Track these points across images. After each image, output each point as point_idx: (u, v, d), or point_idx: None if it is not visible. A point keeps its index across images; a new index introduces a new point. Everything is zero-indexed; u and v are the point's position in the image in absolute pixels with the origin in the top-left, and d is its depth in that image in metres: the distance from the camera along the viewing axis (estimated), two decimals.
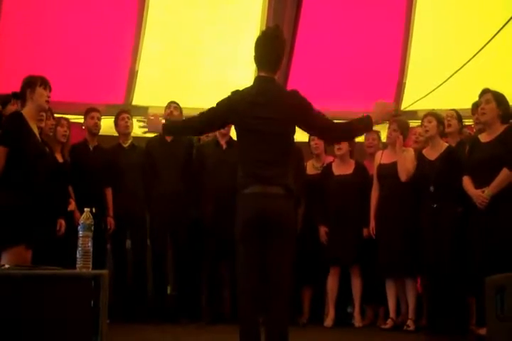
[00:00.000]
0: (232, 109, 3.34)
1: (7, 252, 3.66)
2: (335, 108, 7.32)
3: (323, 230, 5.59)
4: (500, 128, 4.51)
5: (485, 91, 4.58)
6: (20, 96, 3.98)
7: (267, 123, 3.25)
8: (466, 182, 4.59)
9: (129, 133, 5.92)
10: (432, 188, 4.93)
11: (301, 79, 7.10)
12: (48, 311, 2.80)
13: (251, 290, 3.26)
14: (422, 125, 5.16)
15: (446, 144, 5.07)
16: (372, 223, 5.36)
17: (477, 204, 4.44)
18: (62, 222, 4.36)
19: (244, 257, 3.29)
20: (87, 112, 5.68)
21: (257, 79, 3.39)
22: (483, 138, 4.60)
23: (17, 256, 3.64)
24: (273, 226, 3.22)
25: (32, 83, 3.94)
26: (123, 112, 5.94)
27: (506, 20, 6.65)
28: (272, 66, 3.33)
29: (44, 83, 3.97)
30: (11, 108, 4.34)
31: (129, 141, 5.90)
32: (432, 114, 5.14)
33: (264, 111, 3.26)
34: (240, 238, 3.30)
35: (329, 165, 5.73)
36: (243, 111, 3.30)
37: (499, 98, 4.52)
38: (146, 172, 5.77)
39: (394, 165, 5.30)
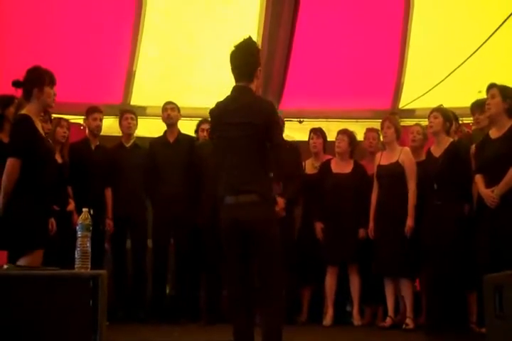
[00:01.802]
0: (212, 123, 3.60)
1: (27, 256, 3.66)
2: (333, 107, 7.33)
3: (318, 226, 5.59)
4: (507, 123, 4.39)
5: (490, 86, 4.48)
6: (24, 88, 3.87)
7: (236, 128, 3.38)
8: (478, 180, 4.50)
9: (132, 133, 5.91)
10: (435, 185, 4.90)
11: (300, 77, 7.10)
12: (47, 311, 2.80)
13: (236, 296, 3.37)
14: (428, 120, 5.09)
15: (451, 139, 5.00)
16: (371, 225, 5.35)
17: (487, 203, 4.36)
18: (53, 221, 4.37)
19: (228, 266, 3.42)
20: (90, 113, 5.65)
21: (233, 89, 3.55)
22: (493, 134, 4.48)
23: (36, 259, 3.65)
24: (250, 234, 3.32)
25: (40, 82, 3.83)
26: (127, 112, 5.94)
27: (504, 18, 6.64)
28: (245, 77, 3.51)
29: (52, 82, 3.88)
30: (12, 110, 4.30)
31: (132, 141, 5.89)
32: (439, 110, 5.06)
33: (234, 116, 3.41)
34: (224, 248, 3.43)
35: (328, 163, 5.73)
36: (217, 119, 3.51)
37: (505, 92, 4.41)
38: (148, 173, 5.76)
39: (392, 165, 5.29)
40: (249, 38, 3.59)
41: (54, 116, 5.25)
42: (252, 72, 3.51)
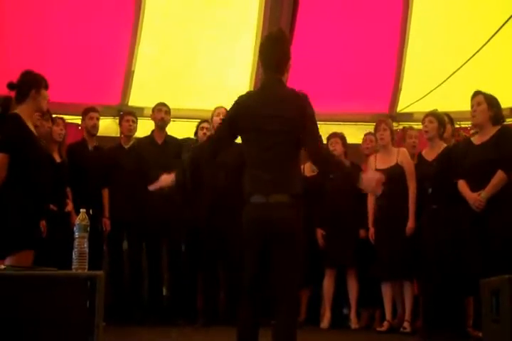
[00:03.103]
0: (240, 110, 3.27)
1: (13, 256, 3.65)
2: (331, 110, 7.33)
3: (320, 233, 5.59)
4: (492, 130, 4.47)
5: (476, 94, 4.54)
6: (18, 90, 3.89)
7: (272, 121, 3.17)
8: (462, 185, 4.55)
9: (132, 135, 5.91)
10: (430, 190, 4.92)
11: (298, 80, 7.09)
12: (44, 312, 2.79)
13: (251, 294, 3.25)
14: (422, 124, 5.13)
15: (445, 145, 5.04)
16: (372, 229, 5.35)
17: (473, 207, 4.41)
18: (44, 223, 4.37)
19: (247, 263, 3.25)
20: (86, 112, 5.64)
21: (264, 80, 3.38)
22: (476, 140, 4.56)
23: (23, 259, 3.63)
24: (276, 237, 3.15)
25: (38, 84, 3.88)
26: (128, 114, 5.92)
27: (502, 22, 6.66)
28: (277, 67, 3.30)
29: (47, 85, 3.94)
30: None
31: (131, 143, 5.88)
32: (434, 115, 5.09)
33: (270, 109, 3.20)
34: (245, 246, 3.26)
35: None
36: (250, 110, 3.24)
37: (490, 100, 4.49)
38: (136, 172, 5.74)
39: (392, 169, 5.28)
40: (281, 29, 3.44)
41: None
42: (285, 63, 3.31)
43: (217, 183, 5.37)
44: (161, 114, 5.82)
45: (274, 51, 3.31)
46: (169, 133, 5.95)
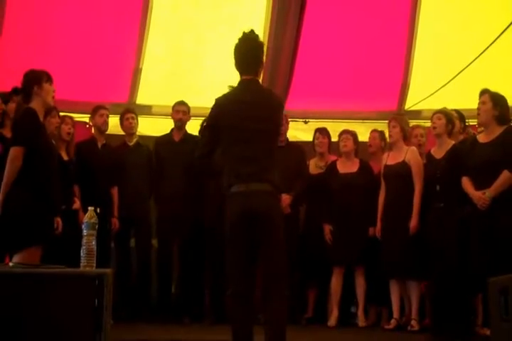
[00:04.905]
0: (220, 112, 3.44)
1: (22, 252, 3.66)
2: (339, 108, 7.32)
3: (327, 228, 5.58)
4: (497, 130, 4.46)
5: (482, 92, 4.53)
6: (23, 92, 3.93)
7: (252, 120, 3.35)
8: (465, 182, 4.56)
9: (134, 133, 5.92)
10: (437, 187, 4.91)
11: (305, 79, 7.10)
12: (51, 310, 2.80)
13: (239, 291, 3.29)
14: (431, 122, 5.12)
15: (453, 142, 5.03)
16: (379, 225, 5.34)
17: (478, 206, 4.41)
18: (59, 220, 4.38)
19: (232, 258, 3.33)
20: (96, 110, 5.66)
21: (241, 82, 3.51)
22: (482, 138, 4.56)
23: (31, 256, 3.65)
24: (260, 224, 3.26)
25: (39, 79, 3.89)
26: (128, 112, 5.93)
27: (511, 20, 6.63)
28: (252, 69, 3.47)
29: (49, 78, 3.94)
30: (12, 106, 4.34)
31: (134, 140, 5.90)
32: (442, 112, 5.09)
33: (249, 109, 3.38)
34: (228, 239, 3.34)
35: (334, 163, 5.73)
36: (229, 109, 3.42)
37: (496, 99, 4.46)
38: (153, 171, 5.77)
39: (399, 165, 5.28)
40: (253, 32, 3.51)
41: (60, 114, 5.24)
42: (259, 64, 3.48)
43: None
44: (179, 115, 5.85)
45: (249, 53, 3.46)
46: None
